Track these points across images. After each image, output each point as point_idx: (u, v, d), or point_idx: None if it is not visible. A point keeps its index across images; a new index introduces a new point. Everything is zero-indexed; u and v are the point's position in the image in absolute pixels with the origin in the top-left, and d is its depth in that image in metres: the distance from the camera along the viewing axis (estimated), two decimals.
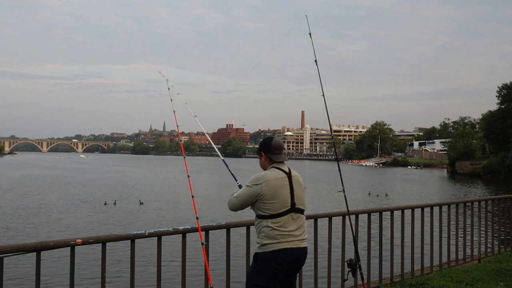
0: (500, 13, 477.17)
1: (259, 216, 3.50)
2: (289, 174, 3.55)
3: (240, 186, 3.74)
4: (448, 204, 7.03)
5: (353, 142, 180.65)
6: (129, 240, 3.95)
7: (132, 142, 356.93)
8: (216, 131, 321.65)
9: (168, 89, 4.51)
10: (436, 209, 6.78)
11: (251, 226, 4.67)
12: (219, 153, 4.61)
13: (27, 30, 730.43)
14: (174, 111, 4.45)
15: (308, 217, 5.19)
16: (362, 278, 4.77)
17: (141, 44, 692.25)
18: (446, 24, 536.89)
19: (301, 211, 3.55)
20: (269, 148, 3.61)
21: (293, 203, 3.48)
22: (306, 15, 4.46)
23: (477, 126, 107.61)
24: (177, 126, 4.45)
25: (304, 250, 3.54)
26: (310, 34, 4.56)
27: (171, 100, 4.46)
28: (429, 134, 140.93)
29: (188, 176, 4.09)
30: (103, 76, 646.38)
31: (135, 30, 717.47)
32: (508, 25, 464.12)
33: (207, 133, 4.46)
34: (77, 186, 38.01)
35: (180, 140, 4.48)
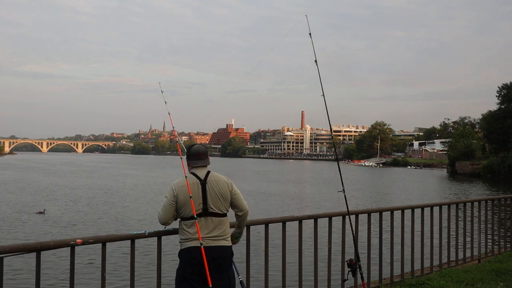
0: (502, 12, 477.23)
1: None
2: (203, 180, 3.76)
3: None
4: (448, 204, 7.03)
5: (353, 142, 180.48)
6: (129, 240, 3.96)
7: (132, 142, 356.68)
8: (216, 131, 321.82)
9: (162, 92, 4.50)
10: (436, 209, 6.79)
11: (251, 226, 4.68)
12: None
13: (27, 30, 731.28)
14: (169, 113, 4.44)
15: (308, 217, 5.22)
16: (362, 278, 4.77)
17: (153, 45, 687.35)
18: (448, 24, 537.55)
19: (216, 215, 3.73)
20: (188, 155, 3.91)
21: (205, 208, 3.71)
22: (306, 15, 4.46)
23: (477, 126, 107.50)
24: (173, 127, 4.44)
25: (217, 248, 3.68)
26: (310, 34, 4.56)
27: (165, 102, 4.44)
28: (429, 134, 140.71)
29: (186, 176, 4.09)
30: (103, 76, 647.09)
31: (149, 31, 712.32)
32: (510, 24, 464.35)
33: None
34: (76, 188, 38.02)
35: (177, 141, 4.48)
